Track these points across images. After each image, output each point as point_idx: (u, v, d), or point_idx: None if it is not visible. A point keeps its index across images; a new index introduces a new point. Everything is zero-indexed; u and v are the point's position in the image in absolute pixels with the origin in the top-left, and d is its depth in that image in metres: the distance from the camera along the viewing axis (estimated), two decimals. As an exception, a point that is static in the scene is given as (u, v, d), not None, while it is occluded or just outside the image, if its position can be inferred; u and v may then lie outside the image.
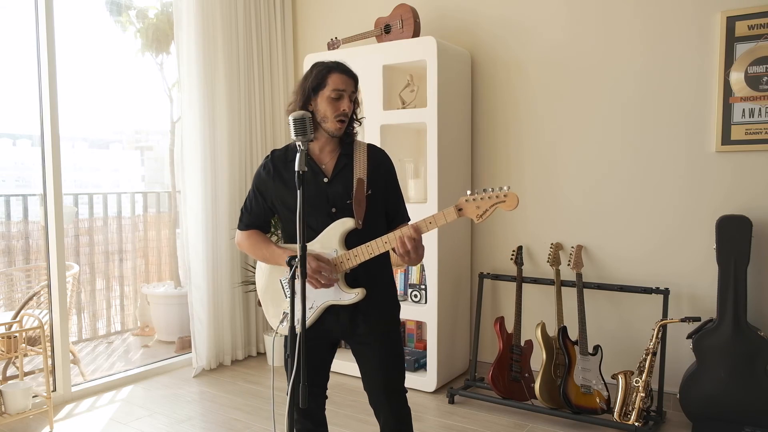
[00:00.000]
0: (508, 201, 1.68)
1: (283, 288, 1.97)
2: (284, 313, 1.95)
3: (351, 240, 1.86)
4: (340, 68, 1.88)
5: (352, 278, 1.90)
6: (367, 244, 1.82)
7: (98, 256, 4.85)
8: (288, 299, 1.96)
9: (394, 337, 1.98)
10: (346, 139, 1.95)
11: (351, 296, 1.86)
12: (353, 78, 1.90)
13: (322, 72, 1.87)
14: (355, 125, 1.99)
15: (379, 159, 1.98)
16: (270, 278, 2.00)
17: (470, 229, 3.74)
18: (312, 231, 1.88)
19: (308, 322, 1.92)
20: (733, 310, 2.76)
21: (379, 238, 1.81)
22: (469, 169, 3.70)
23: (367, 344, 1.95)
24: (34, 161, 4.23)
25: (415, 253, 1.76)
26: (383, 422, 1.99)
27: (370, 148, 1.98)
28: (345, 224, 1.85)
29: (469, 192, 1.73)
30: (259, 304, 2.07)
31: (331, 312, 1.91)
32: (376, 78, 3.53)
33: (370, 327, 1.93)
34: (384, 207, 1.97)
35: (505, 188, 1.69)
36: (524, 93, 3.53)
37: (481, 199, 1.71)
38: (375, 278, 1.93)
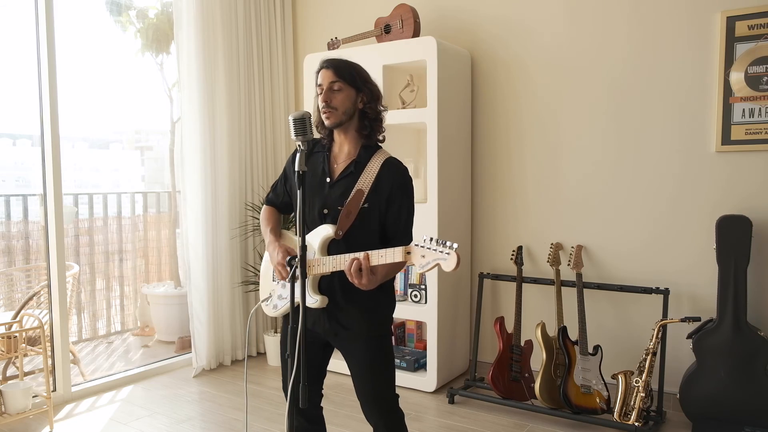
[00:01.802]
0: (448, 260, 1.54)
1: (272, 273, 2.03)
2: (269, 295, 2.01)
3: (333, 247, 1.84)
4: (321, 63, 1.91)
5: (328, 283, 1.87)
6: (335, 256, 1.78)
7: (98, 256, 4.85)
8: (274, 283, 2.01)
9: (377, 344, 1.91)
10: (366, 144, 1.91)
11: (312, 301, 1.84)
12: (331, 68, 1.87)
13: (316, 74, 1.92)
14: (377, 131, 1.93)
15: (389, 174, 1.86)
16: (267, 261, 2.07)
17: (470, 229, 3.74)
18: (305, 226, 1.90)
19: (282, 312, 1.97)
20: (733, 310, 2.76)
21: (345, 254, 1.76)
22: (469, 169, 3.70)
23: (350, 351, 1.93)
24: (34, 161, 4.23)
25: (358, 278, 1.70)
26: (374, 427, 1.98)
27: (387, 161, 1.89)
28: (326, 231, 1.84)
29: (424, 238, 1.60)
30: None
31: (312, 313, 1.90)
32: (376, 78, 3.51)
33: (351, 334, 1.89)
34: (380, 224, 1.88)
35: (453, 246, 1.54)
36: (524, 93, 3.53)
37: (428, 249, 1.58)
38: (352, 286, 1.81)
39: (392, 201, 1.87)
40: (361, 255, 1.70)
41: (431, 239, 1.58)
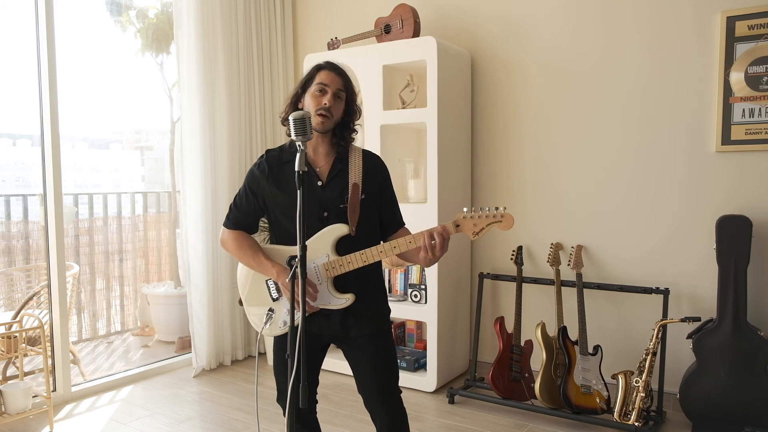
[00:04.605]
0: (504, 221, 1.73)
1: (269, 289, 1.95)
2: (268, 313, 1.93)
3: (341, 245, 1.85)
4: (328, 66, 1.91)
5: (342, 281, 1.88)
6: (362, 252, 1.81)
7: (98, 256, 4.85)
8: (273, 301, 1.95)
9: (385, 338, 1.96)
10: (340, 144, 1.94)
11: (341, 301, 1.86)
12: (341, 76, 1.90)
13: (312, 70, 1.92)
14: (352, 134, 1.98)
15: (374, 164, 1.97)
16: (254, 279, 1.97)
17: (470, 229, 3.74)
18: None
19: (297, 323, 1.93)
20: (733, 310, 2.76)
21: (374, 247, 1.81)
22: (469, 169, 3.70)
23: (359, 347, 1.94)
24: (34, 161, 4.24)
25: (441, 251, 1.76)
26: (379, 424, 1.98)
27: (365, 153, 1.98)
28: (339, 230, 1.84)
29: (465, 209, 1.76)
30: (241, 303, 2.05)
31: (322, 315, 1.91)
32: (376, 78, 3.53)
33: (361, 330, 1.92)
34: (377, 213, 1.96)
35: (502, 209, 1.73)
36: (524, 93, 3.53)
37: (479, 217, 1.74)
38: (365, 282, 1.92)
39: (384, 188, 1.97)
40: (437, 228, 1.76)
41: (474, 209, 1.76)
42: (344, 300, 1.86)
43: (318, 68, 1.91)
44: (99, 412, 3.25)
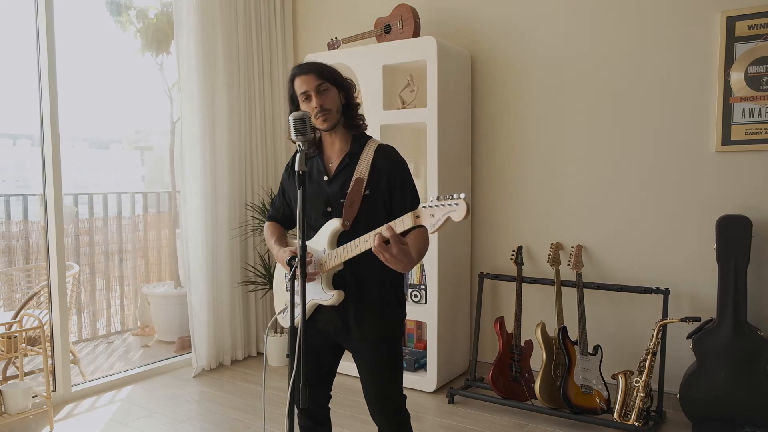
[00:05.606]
0: (457, 211, 1.52)
1: (285, 282, 2.01)
2: (284, 305, 1.99)
3: (343, 240, 1.84)
4: (297, 71, 1.89)
5: (340, 280, 1.87)
6: (344, 246, 1.78)
7: (98, 256, 4.85)
8: (288, 293, 1.97)
9: (388, 345, 1.92)
10: (352, 127, 1.94)
11: (327, 297, 1.84)
12: (312, 72, 1.86)
13: (288, 86, 1.91)
14: (358, 110, 1.95)
15: (383, 159, 1.89)
16: (279, 272, 2.07)
17: (470, 229, 3.74)
18: (311, 229, 1.91)
19: (299, 319, 1.94)
20: (733, 310, 2.76)
21: (354, 240, 1.74)
22: (469, 169, 3.70)
23: (360, 351, 1.92)
24: (34, 161, 4.23)
25: (388, 252, 1.62)
26: (379, 429, 1.98)
27: (379, 147, 1.91)
28: (333, 224, 1.84)
29: (430, 198, 1.59)
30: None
31: (324, 313, 1.91)
32: (376, 78, 3.53)
33: (362, 333, 1.89)
34: (385, 208, 1.89)
35: (461, 195, 1.53)
36: (524, 93, 3.53)
37: (436, 206, 1.57)
38: (364, 281, 1.88)
39: (393, 184, 1.88)
40: (381, 228, 1.66)
41: (437, 197, 1.57)
42: (330, 296, 1.83)
43: (291, 80, 1.89)
44: (99, 412, 3.25)
